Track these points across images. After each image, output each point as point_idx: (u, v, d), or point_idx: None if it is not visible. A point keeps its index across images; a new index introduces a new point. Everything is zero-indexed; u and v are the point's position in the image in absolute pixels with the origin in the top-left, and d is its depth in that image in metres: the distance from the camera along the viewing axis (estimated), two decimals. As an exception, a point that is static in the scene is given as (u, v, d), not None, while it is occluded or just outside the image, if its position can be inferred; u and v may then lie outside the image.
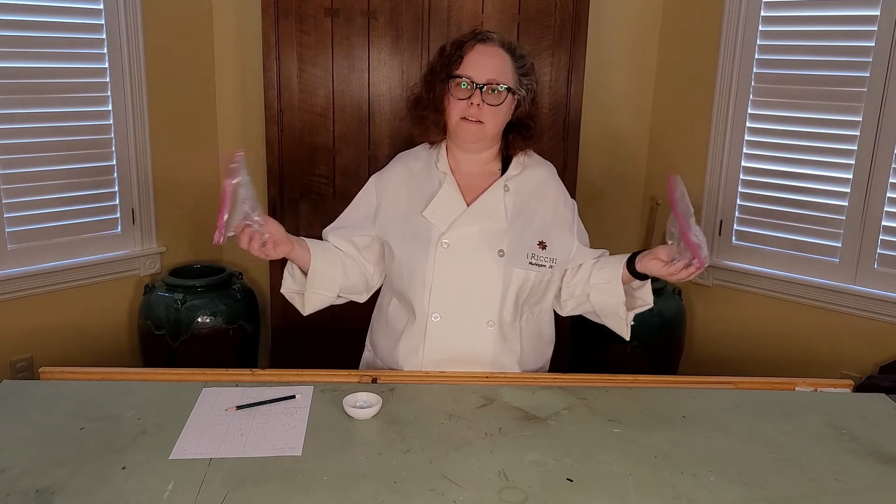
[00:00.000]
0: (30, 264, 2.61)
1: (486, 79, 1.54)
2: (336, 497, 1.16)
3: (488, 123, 1.57)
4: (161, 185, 2.89)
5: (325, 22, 2.61)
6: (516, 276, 1.61)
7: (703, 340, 3.03)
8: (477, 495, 1.17)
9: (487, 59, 1.55)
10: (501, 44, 1.58)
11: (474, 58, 1.55)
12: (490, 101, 1.55)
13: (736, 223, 2.90)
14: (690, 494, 1.19)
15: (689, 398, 1.54)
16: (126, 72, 2.71)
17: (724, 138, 2.85)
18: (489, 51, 1.56)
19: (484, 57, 1.56)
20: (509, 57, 1.58)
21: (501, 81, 1.55)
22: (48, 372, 1.59)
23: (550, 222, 1.67)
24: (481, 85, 1.54)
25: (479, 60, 1.55)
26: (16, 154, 2.53)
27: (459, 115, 1.57)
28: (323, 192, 2.75)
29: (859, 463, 1.31)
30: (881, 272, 2.58)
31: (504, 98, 1.56)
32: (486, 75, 1.55)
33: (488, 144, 1.64)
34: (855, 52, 2.53)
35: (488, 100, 1.55)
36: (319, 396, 1.49)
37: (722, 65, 2.80)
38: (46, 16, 2.52)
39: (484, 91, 1.54)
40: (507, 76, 1.57)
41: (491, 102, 1.55)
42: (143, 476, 1.20)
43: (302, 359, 2.84)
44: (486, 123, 1.57)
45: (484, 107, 1.55)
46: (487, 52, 1.56)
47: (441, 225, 1.62)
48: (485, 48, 1.56)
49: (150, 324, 2.72)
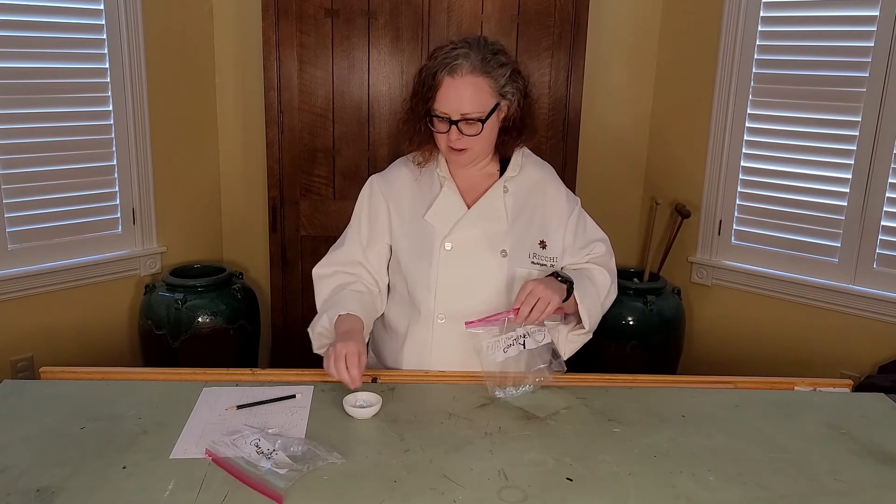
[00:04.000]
0: (30, 264, 2.61)
1: (459, 114, 1.52)
2: (336, 497, 1.16)
3: (473, 148, 1.57)
4: (161, 185, 2.89)
5: (325, 22, 2.61)
6: (519, 275, 1.62)
7: (702, 340, 3.03)
8: (477, 495, 1.17)
9: (457, 93, 1.51)
10: (472, 68, 1.50)
11: (445, 93, 1.52)
12: (467, 132, 1.54)
13: (735, 223, 2.90)
14: (690, 494, 1.19)
15: (688, 398, 1.54)
16: (126, 72, 2.71)
17: (724, 138, 2.85)
18: (458, 84, 1.51)
19: (454, 92, 1.51)
20: (483, 79, 1.52)
21: (475, 113, 1.52)
22: (48, 372, 1.59)
23: (550, 222, 1.68)
24: (455, 121, 1.53)
25: (450, 96, 1.51)
26: (16, 154, 2.53)
27: (445, 144, 1.58)
28: (323, 193, 2.75)
29: (858, 463, 1.31)
30: (880, 272, 2.58)
31: (481, 127, 1.54)
32: (458, 110, 1.52)
33: (482, 160, 1.66)
34: (854, 53, 2.54)
35: (466, 131, 1.54)
36: (319, 396, 1.49)
37: (721, 65, 2.81)
38: (46, 16, 2.52)
39: (460, 125, 1.53)
40: (482, 101, 1.53)
41: (468, 133, 1.54)
42: (143, 476, 1.20)
43: (302, 359, 2.84)
44: (472, 148, 1.57)
45: (463, 137, 1.55)
46: (457, 86, 1.51)
47: (443, 228, 1.62)
48: (454, 82, 1.51)
49: (151, 324, 2.72)
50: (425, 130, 1.60)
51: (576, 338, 1.68)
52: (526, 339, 1.51)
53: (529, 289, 1.49)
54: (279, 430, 1.34)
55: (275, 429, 1.35)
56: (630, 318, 2.79)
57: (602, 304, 1.67)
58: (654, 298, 2.81)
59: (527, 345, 1.51)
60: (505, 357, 1.49)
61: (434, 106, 1.54)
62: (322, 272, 1.71)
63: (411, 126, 1.62)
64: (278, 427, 1.36)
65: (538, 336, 1.52)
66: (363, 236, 1.70)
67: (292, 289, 2.82)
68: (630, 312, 2.79)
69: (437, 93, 1.53)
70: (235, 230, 3.14)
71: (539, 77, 2.66)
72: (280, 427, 1.36)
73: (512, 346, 1.49)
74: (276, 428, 1.35)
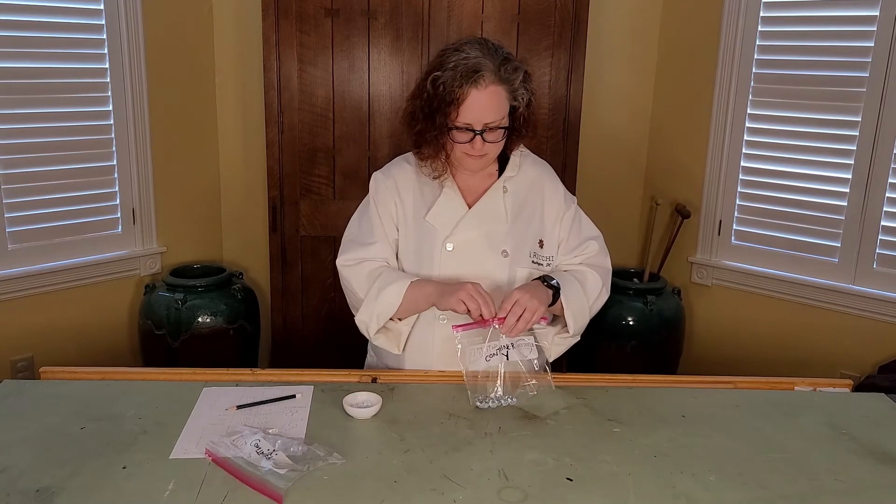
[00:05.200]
0: (30, 264, 2.61)
1: (483, 124, 1.52)
2: (336, 497, 1.16)
3: (491, 153, 1.58)
4: (161, 185, 2.89)
5: (325, 22, 2.61)
6: (521, 275, 1.63)
7: (702, 340, 3.03)
8: (477, 495, 1.17)
9: (481, 105, 1.50)
10: (493, 78, 1.50)
11: (470, 106, 1.50)
12: (490, 139, 1.54)
13: (735, 223, 2.90)
14: (690, 494, 1.19)
15: (688, 398, 1.54)
16: (126, 72, 2.71)
17: (724, 138, 2.85)
18: (483, 96, 1.50)
19: (478, 104, 1.50)
20: (503, 87, 1.52)
21: (499, 120, 1.53)
22: (48, 372, 1.59)
23: (546, 221, 1.69)
24: (480, 131, 1.53)
25: (475, 109, 1.50)
26: (16, 154, 2.53)
27: (462, 150, 1.56)
28: (323, 193, 2.75)
29: (858, 462, 1.31)
30: (880, 272, 2.58)
31: (503, 134, 1.56)
32: (482, 121, 1.52)
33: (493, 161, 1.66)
34: (854, 53, 2.54)
35: (489, 139, 1.54)
36: (319, 396, 1.49)
37: (721, 65, 2.81)
38: (46, 16, 2.52)
39: (484, 134, 1.53)
40: (503, 108, 1.53)
41: (491, 140, 1.55)
42: (143, 476, 1.20)
43: (302, 359, 2.85)
44: (489, 154, 1.58)
45: (485, 145, 1.55)
46: (481, 98, 1.50)
47: (444, 229, 1.62)
48: (478, 94, 1.49)
49: (151, 324, 2.72)
50: (439, 139, 1.57)
51: (562, 341, 1.67)
52: (509, 351, 1.49)
53: (515, 298, 1.48)
54: (279, 431, 1.34)
55: (275, 429, 1.35)
56: (630, 318, 2.79)
57: (590, 307, 1.66)
58: (654, 298, 2.81)
59: (510, 356, 1.48)
60: (486, 365, 1.47)
61: (457, 119, 1.52)
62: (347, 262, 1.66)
63: (423, 132, 1.58)
64: (278, 427, 1.36)
65: (525, 350, 1.50)
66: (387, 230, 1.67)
67: (292, 289, 2.82)
68: (630, 312, 2.79)
69: (461, 105, 1.51)
70: (235, 230, 3.14)
71: (539, 77, 2.66)
72: (280, 427, 1.36)
73: (495, 355, 1.47)
74: (276, 428, 1.35)
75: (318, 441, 1.30)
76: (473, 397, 1.47)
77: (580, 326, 1.64)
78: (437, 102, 1.52)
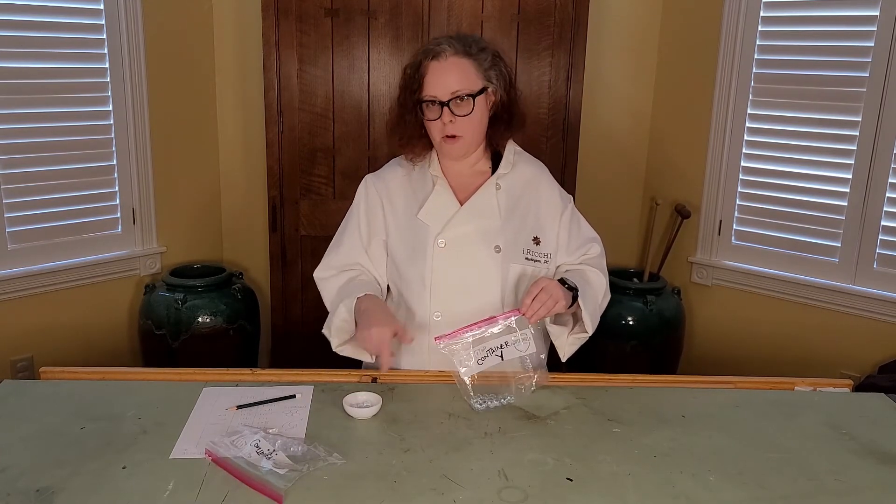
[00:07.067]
0: (30, 264, 2.61)
1: (449, 94, 1.55)
2: (336, 497, 1.16)
3: (466, 134, 1.59)
4: (161, 185, 2.89)
5: (325, 22, 2.61)
6: (513, 271, 1.63)
7: (702, 340, 3.03)
8: (477, 495, 1.17)
9: (444, 74, 1.55)
10: (455, 51, 1.56)
11: (432, 77, 1.55)
12: (459, 112, 1.56)
13: (735, 223, 2.90)
14: (690, 494, 1.19)
15: (688, 398, 1.54)
16: (126, 72, 2.71)
17: (724, 138, 2.85)
18: (443, 66, 1.55)
19: (440, 73, 1.55)
20: (468, 60, 1.56)
21: (464, 90, 1.55)
22: (48, 372, 1.59)
23: (543, 218, 1.69)
24: (446, 101, 1.55)
25: (437, 78, 1.55)
26: (16, 154, 2.53)
27: (439, 135, 1.59)
28: (323, 193, 2.75)
29: (859, 462, 1.31)
30: (880, 272, 2.58)
31: (472, 105, 1.57)
32: (448, 90, 1.55)
33: (474, 150, 1.66)
34: (854, 53, 2.53)
35: (458, 111, 1.56)
36: (319, 396, 1.49)
37: (721, 65, 2.81)
38: (46, 16, 2.52)
39: (451, 105, 1.55)
40: (470, 81, 1.56)
41: (460, 113, 1.56)
42: (143, 476, 1.20)
43: (302, 359, 2.84)
44: (465, 135, 1.59)
45: (457, 120, 1.56)
46: (442, 68, 1.55)
47: (436, 226, 1.63)
48: (438, 64, 1.55)
49: (151, 324, 2.72)
50: (416, 124, 1.61)
51: (577, 340, 1.68)
52: (504, 350, 1.48)
53: (542, 285, 1.49)
54: (279, 431, 1.34)
55: (275, 429, 1.35)
56: (630, 318, 2.79)
57: (600, 305, 1.69)
58: (654, 298, 2.81)
59: (505, 355, 1.48)
60: (479, 369, 1.47)
61: (423, 93, 1.56)
62: (324, 275, 1.72)
63: (401, 120, 1.63)
64: (278, 427, 1.36)
65: (521, 346, 1.49)
66: (363, 235, 1.70)
67: (292, 289, 2.82)
68: (630, 312, 2.79)
69: (424, 79, 1.56)
70: (235, 230, 3.14)
71: (539, 77, 2.66)
72: (280, 427, 1.36)
73: (487, 357, 1.47)
74: (276, 428, 1.35)
75: (318, 441, 1.30)
76: (469, 400, 1.47)
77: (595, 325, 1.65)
78: (406, 85, 1.59)
